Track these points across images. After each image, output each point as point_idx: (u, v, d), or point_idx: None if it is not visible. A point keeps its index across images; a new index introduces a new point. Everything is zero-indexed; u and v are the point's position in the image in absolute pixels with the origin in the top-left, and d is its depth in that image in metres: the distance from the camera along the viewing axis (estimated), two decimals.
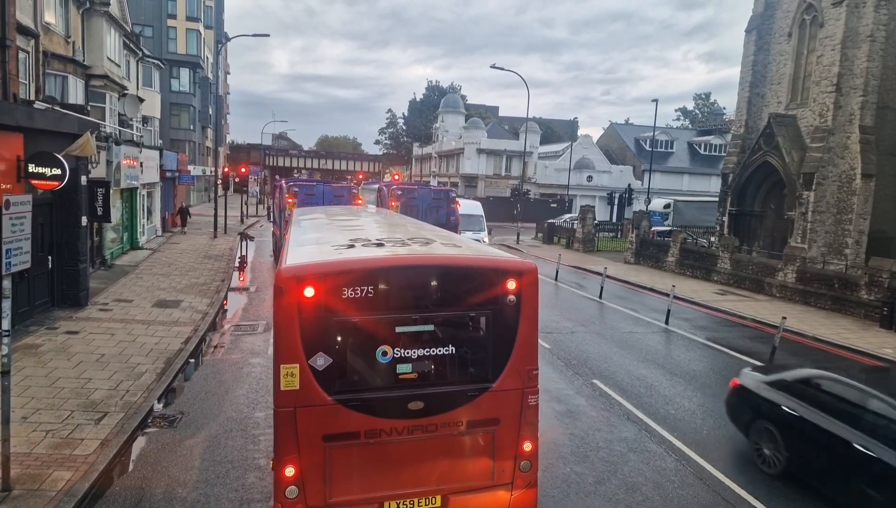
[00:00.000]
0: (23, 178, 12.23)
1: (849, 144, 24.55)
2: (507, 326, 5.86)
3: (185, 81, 53.63)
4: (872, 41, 23.71)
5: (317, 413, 5.39)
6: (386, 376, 5.61)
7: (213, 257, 26.14)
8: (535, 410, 6.06)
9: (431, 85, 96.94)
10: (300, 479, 5.42)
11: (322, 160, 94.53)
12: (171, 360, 12.08)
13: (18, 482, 7.15)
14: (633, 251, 32.49)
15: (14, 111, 12.64)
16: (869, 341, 16.70)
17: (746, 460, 9.04)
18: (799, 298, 21.97)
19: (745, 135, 30.23)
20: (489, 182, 64.36)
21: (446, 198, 25.19)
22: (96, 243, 20.89)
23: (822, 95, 25.34)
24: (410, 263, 5.91)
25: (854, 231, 24.30)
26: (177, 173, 36.73)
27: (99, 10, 23.51)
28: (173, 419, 9.60)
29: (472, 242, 7.40)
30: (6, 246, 7.12)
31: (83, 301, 15.76)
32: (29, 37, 16.97)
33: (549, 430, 9.58)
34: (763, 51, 29.25)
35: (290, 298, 5.25)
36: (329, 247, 6.35)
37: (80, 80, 21.81)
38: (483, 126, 69.00)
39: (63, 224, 15.34)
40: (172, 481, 7.71)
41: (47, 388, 10.10)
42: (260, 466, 8.13)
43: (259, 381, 11.44)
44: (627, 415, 10.62)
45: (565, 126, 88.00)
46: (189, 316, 15.70)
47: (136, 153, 25.18)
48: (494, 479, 5.95)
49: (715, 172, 52.80)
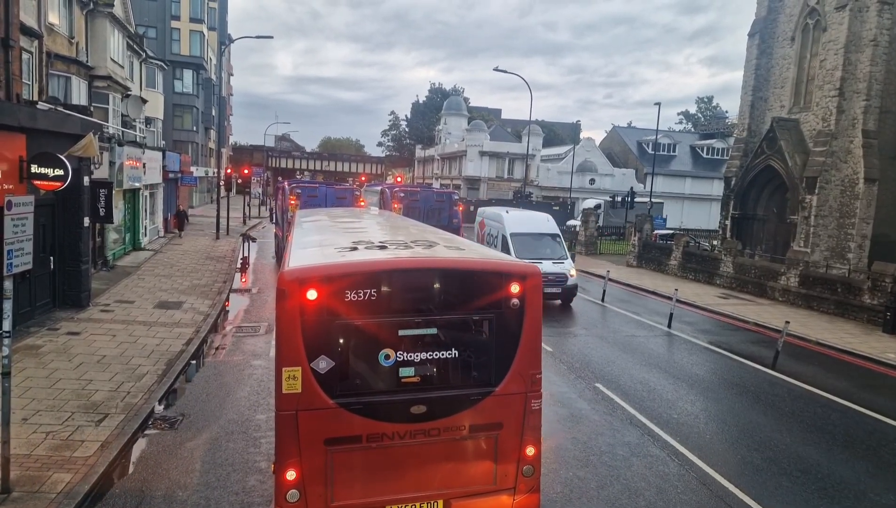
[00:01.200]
0: (25, 178, 12.21)
1: (852, 149, 24.50)
2: (511, 329, 5.82)
3: (188, 83, 53.71)
4: (875, 45, 23.68)
5: (319, 417, 5.36)
6: (388, 379, 5.57)
7: (215, 259, 26.13)
8: (538, 414, 6.01)
9: (434, 87, 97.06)
10: (301, 483, 5.38)
11: (325, 162, 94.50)
12: (172, 361, 12.05)
13: (18, 483, 7.12)
14: (636, 255, 32.44)
15: (17, 112, 12.62)
16: (872, 345, 16.63)
17: (749, 464, 8.98)
18: (802, 302, 21.89)
19: (748, 139, 30.19)
20: (491, 185, 64.33)
21: (449, 200, 25.20)
22: (98, 244, 20.89)
23: (825, 99, 25.30)
24: (413, 265, 5.87)
25: (857, 235, 24.24)
26: (179, 175, 36.72)
27: (102, 11, 23.54)
28: (174, 421, 9.57)
29: (476, 244, 7.35)
30: (8, 247, 7.09)
31: (85, 302, 15.74)
32: (32, 37, 16.98)
33: (552, 434, 9.53)
34: (766, 55, 29.21)
35: (293, 300, 5.22)
36: (332, 249, 6.31)
37: (83, 80, 21.83)
38: (486, 129, 69.01)
39: (65, 225, 15.32)
40: (173, 483, 7.68)
41: (48, 389, 10.07)
42: (261, 469, 8.09)
43: (260, 383, 11.41)
44: (630, 419, 10.57)
45: (568, 129, 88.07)
46: (191, 317, 15.68)
47: (138, 154, 25.18)
48: (497, 484, 5.91)
49: (717, 176, 52.73)
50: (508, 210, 22.63)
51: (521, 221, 21.23)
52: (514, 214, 22.01)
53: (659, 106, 41.58)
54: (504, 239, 20.29)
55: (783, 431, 10.47)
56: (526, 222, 21.16)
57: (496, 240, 21.03)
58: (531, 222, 21.39)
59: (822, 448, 9.87)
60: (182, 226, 34.59)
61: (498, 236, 20.89)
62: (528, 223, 21.11)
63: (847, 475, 8.90)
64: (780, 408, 11.46)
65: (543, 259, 18.31)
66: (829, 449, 9.81)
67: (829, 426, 10.85)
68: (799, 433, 10.42)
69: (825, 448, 9.87)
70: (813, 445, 9.97)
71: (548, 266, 17.52)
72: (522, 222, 21.17)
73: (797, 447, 9.84)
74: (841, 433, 10.51)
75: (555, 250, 20.27)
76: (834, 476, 8.79)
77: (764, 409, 11.39)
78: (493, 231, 21.73)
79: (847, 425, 10.94)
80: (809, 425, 10.85)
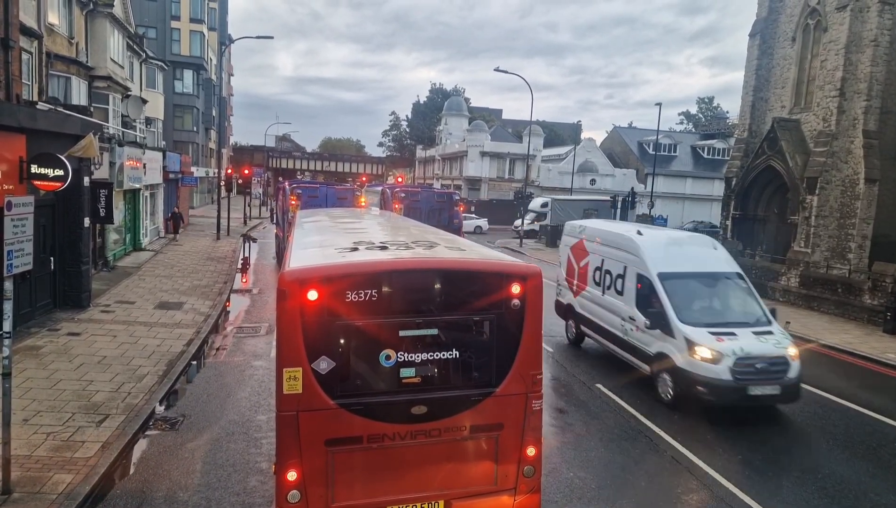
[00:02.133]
0: (25, 179, 12.21)
1: (852, 149, 24.47)
2: (511, 330, 5.82)
3: (188, 83, 53.75)
4: (876, 46, 23.65)
5: (319, 417, 5.36)
6: (389, 380, 5.57)
7: (216, 259, 26.13)
8: (539, 415, 6.02)
9: (435, 88, 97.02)
10: (302, 484, 5.38)
11: (325, 162, 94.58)
12: (172, 362, 12.05)
13: (19, 484, 7.12)
14: None
15: (17, 112, 12.63)
16: (873, 345, 16.63)
17: (749, 465, 8.97)
18: (802, 302, 21.88)
19: (749, 139, 30.17)
20: (492, 185, 64.34)
21: (449, 201, 25.18)
22: (99, 245, 20.89)
23: (826, 99, 25.27)
24: (414, 266, 5.87)
25: (857, 236, 24.20)
26: (180, 175, 36.69)
27: (102, 12, 23.56)
28: (175, 422, 9.57)
29: (477, 245, 7.33)
30: (8, 248, 7.09)
31: (85, 303, 15.74)
32: (32, 38, 16.99)
33: (553, 435, 9.54)
34: (767, 55, 29.19)
35: (294, 301, 5.22)
36: (332, 250, 6.31)
37: (83, 81, 21.85)
38: (486, 129, 69.01)
39: (65, 226, 15.33)
40: (174, 484, 7.68)
41: (48, 390, 10.07)
42: (262, 470, 8.08)
43: (261, 384, 11.40)
44: (631, 420, 10.56)
45: (568, 129, 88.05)
46: (191, 318, 15.68)
47: (139, 155, 25.18)
48: (498, 484, 5.91)
49: (718, 176, 52.66)
50: (640, 229, 13.44)
51: (672, 251, 12.61)
52: (653, 237, 13.10)
53: (660, 106, 41.62)
54: (646, 283, 11.96)
55: (783, 432, 10.46)
56: (681, 254, 12.57)
57: (620, 281, 12.92)
58: (689, 252, 12.75)
59: (823, 448, 9.87)
60: (178, 228, 33.12)
61: (626, 276, 12.72)
62: (684, 256, 12.53)
63: (847, 474, 8.89)
64: (781, 408, 11.43)
65: (732, 326, 10.96)
66: (829, 450, 9.80)
67: (829, 426, 10.85)
68: (798, 434, 10.42)
69: (825, 448, 9.87)
70: (813, 445, 9.98)
71: (748, 343, 10.56)
72: (674, 253, 12.56)
73: (797, 447, 9.84)
74: (841, 433, 10.51)
75: (746, 306, 11.90)
76: (834, 476, 8.79)
77: (765, 409, 11.35)
78: (611, 266, 13.36)
79: (847, 425, 10.94)
80: (809, 424, 10.85)
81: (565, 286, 15.63)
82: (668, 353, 11.07)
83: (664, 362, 11.17)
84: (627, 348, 12.55)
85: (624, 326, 12.57)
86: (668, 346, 11.13)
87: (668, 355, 11.06)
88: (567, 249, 15.73)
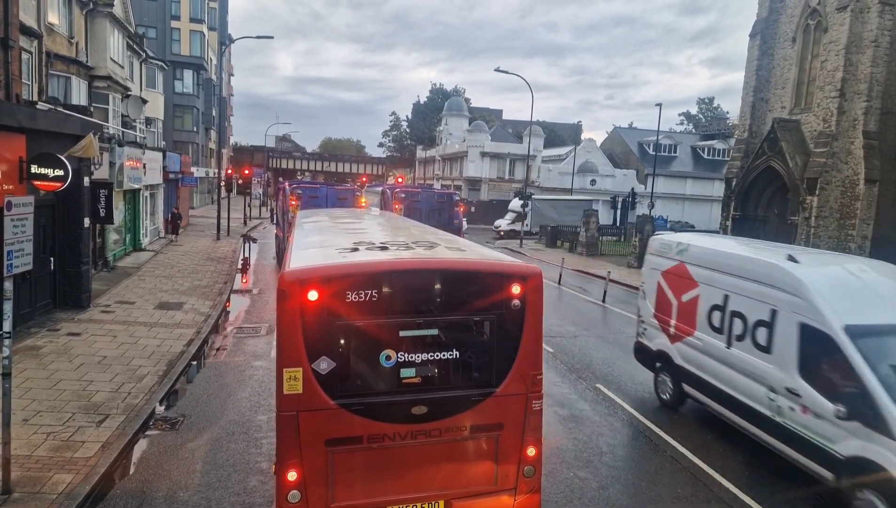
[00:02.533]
0: (25, 179, 12.21)
1: (852, 150, 24.48)
2: (512, 330, 5.82)
3: (188, 83, 53.75)
4: (877, 46, 23.65)
5: (320, 417, 5.36)
6: (389, 380, 5.57)
7: (216, 260, 26.13)
8: (539, 415, 6.01)
9: (435, 88, 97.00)
10: (302, 483, 5.38)
11: (325, 163, 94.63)
12: (173, 362, 12.05)
13: (19, 484, 7.12)
14: (637, 255, 32.41)
15: (17, 112, 12.63)
16: None
17: (749, 465, 8.97)
18: None
19: (749, 139, 30.18)
20: (492, 185, 64.34)
21: (449, 201, 25.20)
22: (99, 245, 20.88)
23: (826, 100, 25.28)
24: (414, 266, 5.87)
25: (857, 236, 24.21)
26: (180, 175, 36.70)
27: (102, 11, 23.55)
28: (175, 422, 9.56)
29: (477, 245, 7.32)
30: (8, 248, 7.09)
31: (85, 303, 15.74)
32: (32, 37, 16.99)
33: (553, 435, 9.53)
34: (767, 56, 29.20)
35: (294, 301, 5.22)
36: (333, 250, 6.31)
37: (83, 81, 21.85)
38: (486, 129, 69.01)
39: (65, 226, 15.32)
40: (174, 484, 7.67)
41: (48, 390, 10.07)
42: (262, 470, 8.08)
43: (261, 384, 11.40)
44: (631, 420, 10.56)
45: (569, 130, 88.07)
46: (191, 318, 15.67)
47: (139, 155, 25.19)
48: (498, 484, 5.91)
49: (718, 177, 52.69)
50: (794, 254, 9.00)
51: (854, 287, 8.50)
52: (820, 266, 9.23)
53: (660, 107, 41.62)
54: (821, 340, 7.84)
55: None
56: (868, 291, 8.44)
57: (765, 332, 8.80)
58: (881, 288, 8.60)
59: None
60: (176, 229, 32.86)
61: (777, 324, 8.61)
62: (876, 295, 8.39)
63: None
64: None
65: None
66: None
67: None
68: None
69: None
70: None
71: None
72: (858, 290, 8.46)
73: None
74: None
75: None
76: None
77: None
78: (745, 307, 9.25)
79: None
80: None
81: (654, 326, 11.55)
82: (879, 461, 6.95)
83: (872, 474, 7.04)
84: (783, 436, 8.34)
85: (774, 401, 8.44)
86: (877, 449, 7.00)
87: (881, 464, 6.93)
88: (656, 274, 11.57)
